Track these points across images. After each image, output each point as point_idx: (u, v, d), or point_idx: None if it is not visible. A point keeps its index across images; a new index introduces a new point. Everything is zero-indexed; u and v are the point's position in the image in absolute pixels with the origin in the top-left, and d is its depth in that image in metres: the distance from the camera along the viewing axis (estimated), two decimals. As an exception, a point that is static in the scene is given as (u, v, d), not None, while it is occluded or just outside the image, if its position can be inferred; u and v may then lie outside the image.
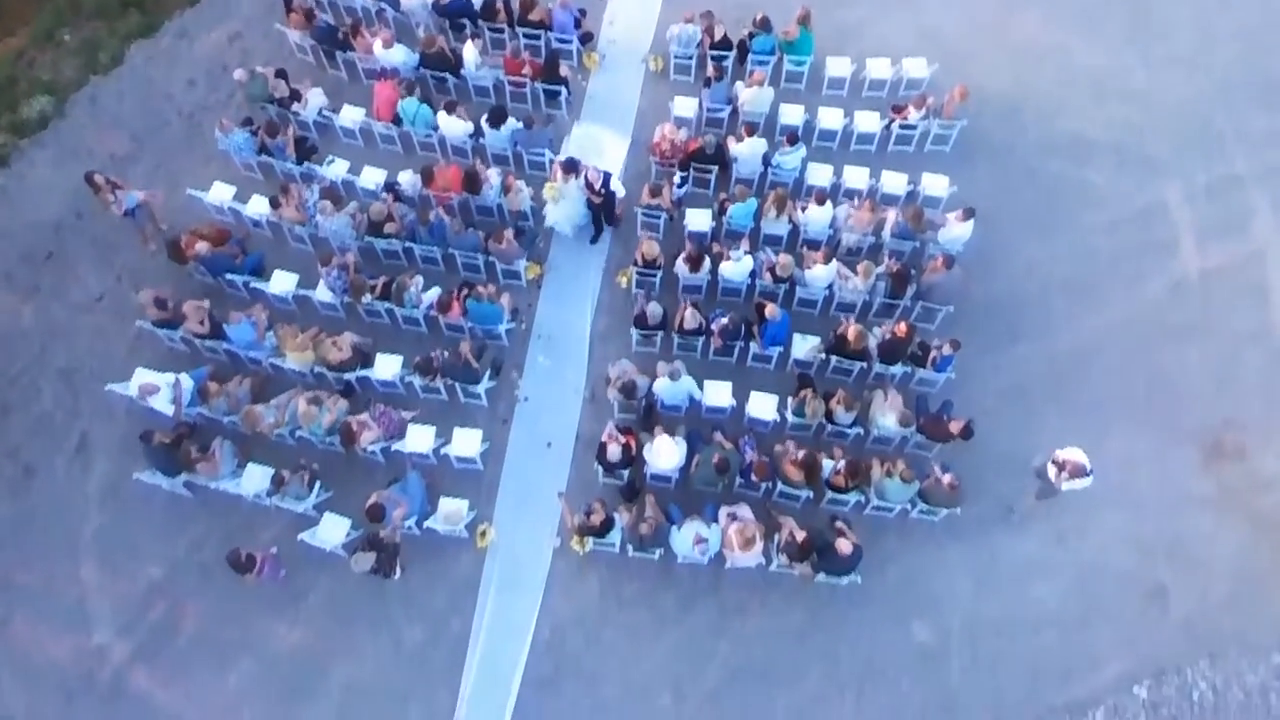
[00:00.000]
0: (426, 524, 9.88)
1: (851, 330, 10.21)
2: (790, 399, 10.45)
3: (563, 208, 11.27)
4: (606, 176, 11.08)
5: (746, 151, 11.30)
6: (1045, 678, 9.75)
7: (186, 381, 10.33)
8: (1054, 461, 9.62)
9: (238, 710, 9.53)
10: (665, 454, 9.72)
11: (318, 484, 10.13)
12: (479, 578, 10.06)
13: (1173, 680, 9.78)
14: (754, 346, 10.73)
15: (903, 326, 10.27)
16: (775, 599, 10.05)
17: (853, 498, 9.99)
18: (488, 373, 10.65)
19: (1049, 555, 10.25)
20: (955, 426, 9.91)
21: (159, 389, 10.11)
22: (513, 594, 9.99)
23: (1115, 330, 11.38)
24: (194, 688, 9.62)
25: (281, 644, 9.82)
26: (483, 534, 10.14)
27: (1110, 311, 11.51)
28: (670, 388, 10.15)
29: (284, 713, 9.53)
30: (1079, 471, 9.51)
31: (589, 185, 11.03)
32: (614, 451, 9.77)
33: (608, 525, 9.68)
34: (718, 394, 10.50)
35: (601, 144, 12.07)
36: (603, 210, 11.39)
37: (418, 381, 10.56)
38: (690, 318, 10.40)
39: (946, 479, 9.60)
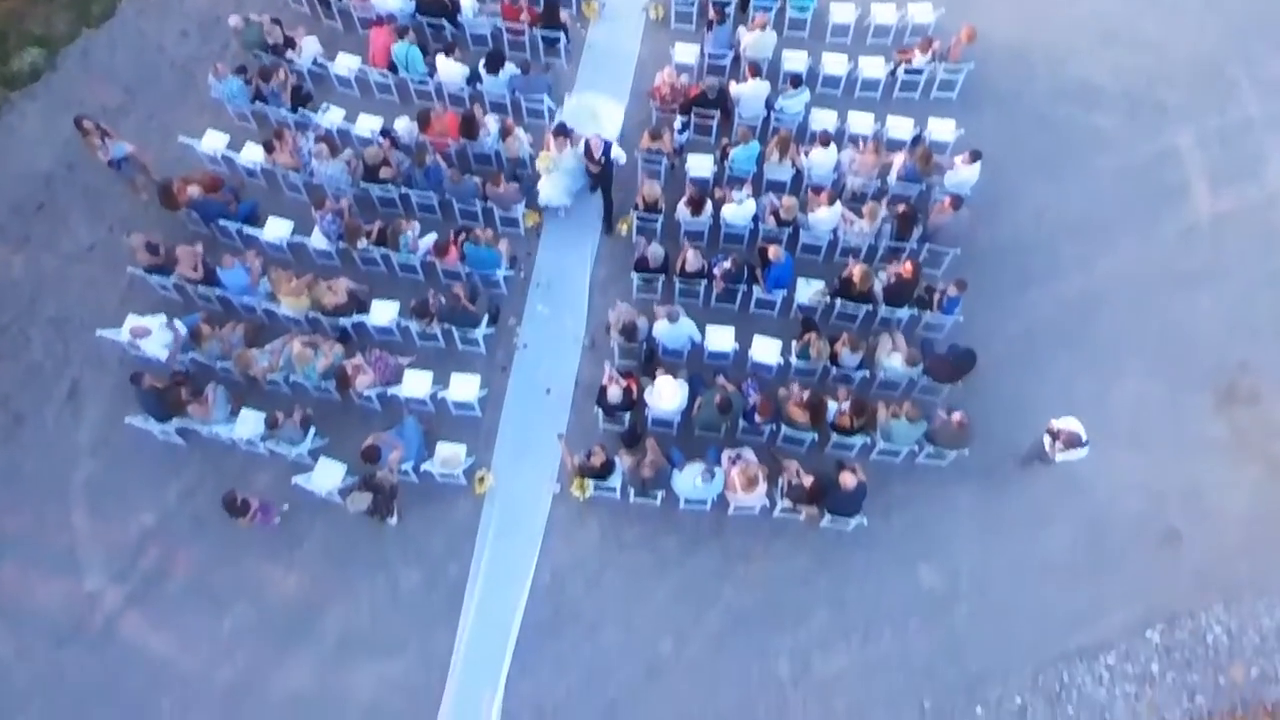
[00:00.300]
0: (424, 467, 9.69)
1: (857, 270, 10.00)
2: (794, 343, 10.24)
3: (556, 180, 10.95)
4: (607, 145, 10.74)
5: (749, 92, 11.08)
6: (1055, 622, 9.54)
7: (179, 325, 10.15)
8: (1049, 431, 9.34)
9: (231, 655, 9.35)
10: (667, 395, 9.51)
11: (312, 429, 9.95)
12: (477, 523, 9.87)
13: (1186, 624, 9.57)
14: (757, 290, 10.52)
15: (909, 266, 10.04)
16: (779, 544, 9.85)
17: (858, 441, 9.79)
18: (485, 319, 10.45)
19: (1058, 501, 10.03)
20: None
21: (150, 331, 9.92)
22: (511, 539, 9.80)
23: (1126, 275, 11.16)
24: (187, 633, 9.44)
25: (277, 589, 9.63)
26: (481, 480, 9.95)
27: (1121, 256, 11.29)
28: (670, 330, 9.93)
29: (279, 657, 9.34)
30: (1074, 441, 9.24)
31: (589, 153, 10.79)
32: (614, 393, 9.56)
33: (608, 468, 9.49)
34: (720, 339, 10.30)
35: (598, 112, 11.78)
36: (602, 179, 11.07)
37: (414, 327, 10.36)
38: (693, 259, 10.18)
39: (955, 417, 9.38)
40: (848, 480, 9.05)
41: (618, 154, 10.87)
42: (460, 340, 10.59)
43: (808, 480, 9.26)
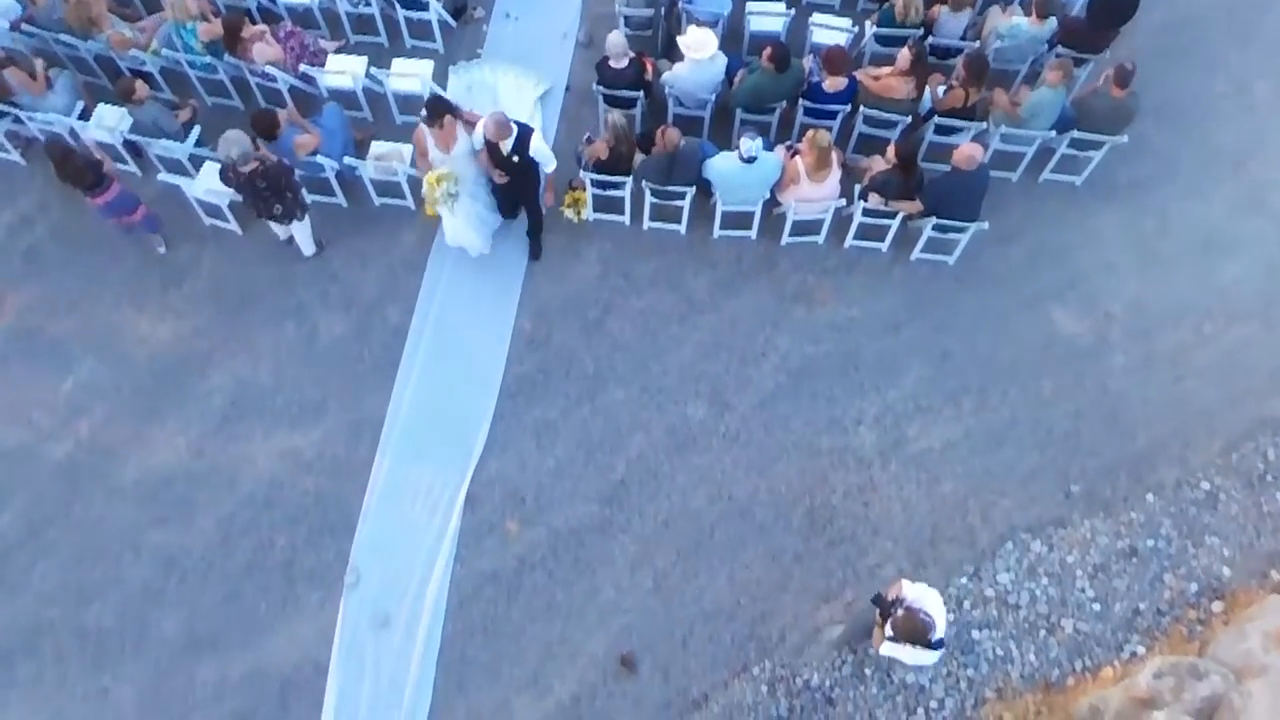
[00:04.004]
0: (348, 162, 6.80)
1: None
2: (869, 22, 7.39)
3: (464, 210, 6.55)
4: (523, 133, 6.25)
5: None
6: (1251, 379, 6.68)
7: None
8: (880, 601, 5.28)
9: (71, 424, 6.49)
10: (697, 43, 6.58)
11: (197, 129, 7.08)
12: (427, 255, 7.03)
13: None
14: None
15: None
16: (854, 283, 7.02)
17: (968, 132, 6.93)
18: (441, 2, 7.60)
19: (1242, 226, 7.19)
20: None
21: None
22: (476, 272, 6.94)
23: (1310, -45, 8.31)
24: (11, 397, 6.59)
25: (142, 341, 6.78)
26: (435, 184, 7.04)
27: (1299, -67, 8.43)
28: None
29: (140, 427, 6.48)
30: (915, 633, 4.96)
31: (491, 151, 6.30)
32: (616, 47, 6.65)
33: (627, 155, 6.63)
34: (765, 15, 7.44)
35: (503, 97, 7.40)
36: (519, 193, 6.73)
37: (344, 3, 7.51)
38: (728, -111, 7.28)
39: (1110, 73, 6.48)
40: (970, 154, 6.19)
41: (540, 149, 6.32)
42: (408, 31, 7.72)
43: (893, 150, 6.44)
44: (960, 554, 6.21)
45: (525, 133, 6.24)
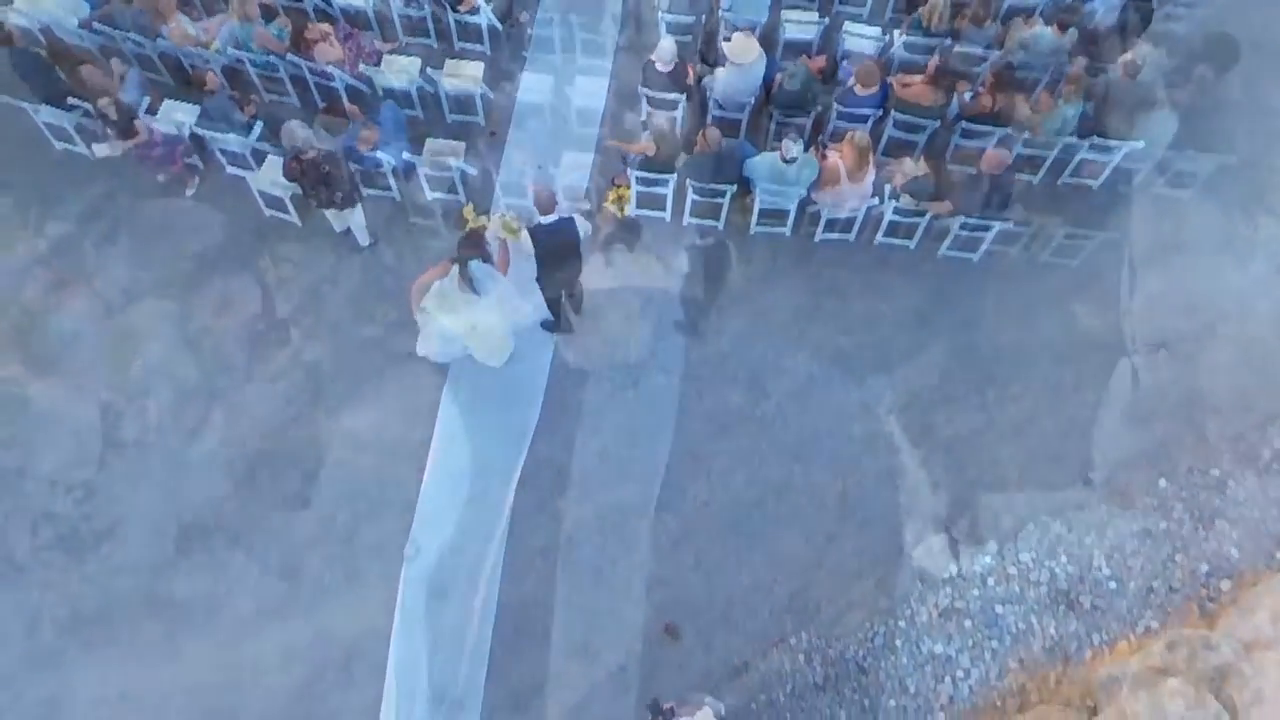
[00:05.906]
0: (407, 157, 7.16)
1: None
2: (899, 30, 7.75)
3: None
4: (567, 228, 6.35)
5: None
6: (1257, 378, 7.01)
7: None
8: (653, 706, 5.56)
9: (140, 403, 6.85)
10: (743, 49, 6.96)
11: (259, 123, 7.42)
12: (478, 248, 7.38)
13: None
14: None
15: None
16: (883, 278, 7.38)
17: (993, 136, 7.28)
18: (490, 3, 7.95)
19: (1256, 230, 7.56)
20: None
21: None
22: (525, 264, 7.29)
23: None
24: (82, 376, 6.94)
25: (206, 327, 7.12)
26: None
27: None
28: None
29: (206, 406, 6.84)
30: None
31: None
32: (666, 50, 7.02)
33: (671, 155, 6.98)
34: (799, 23, 7.80)
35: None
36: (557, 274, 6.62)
37: (395, 3, 7.86)
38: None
39: (1126, 58, 6.85)
40: (998, 159, 6.55)
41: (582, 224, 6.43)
42: (457, 33, 8.08)
43: (927, 168, 6.82)
44: (985, 534, 6.57)
45: (570, 229, 6.28)
